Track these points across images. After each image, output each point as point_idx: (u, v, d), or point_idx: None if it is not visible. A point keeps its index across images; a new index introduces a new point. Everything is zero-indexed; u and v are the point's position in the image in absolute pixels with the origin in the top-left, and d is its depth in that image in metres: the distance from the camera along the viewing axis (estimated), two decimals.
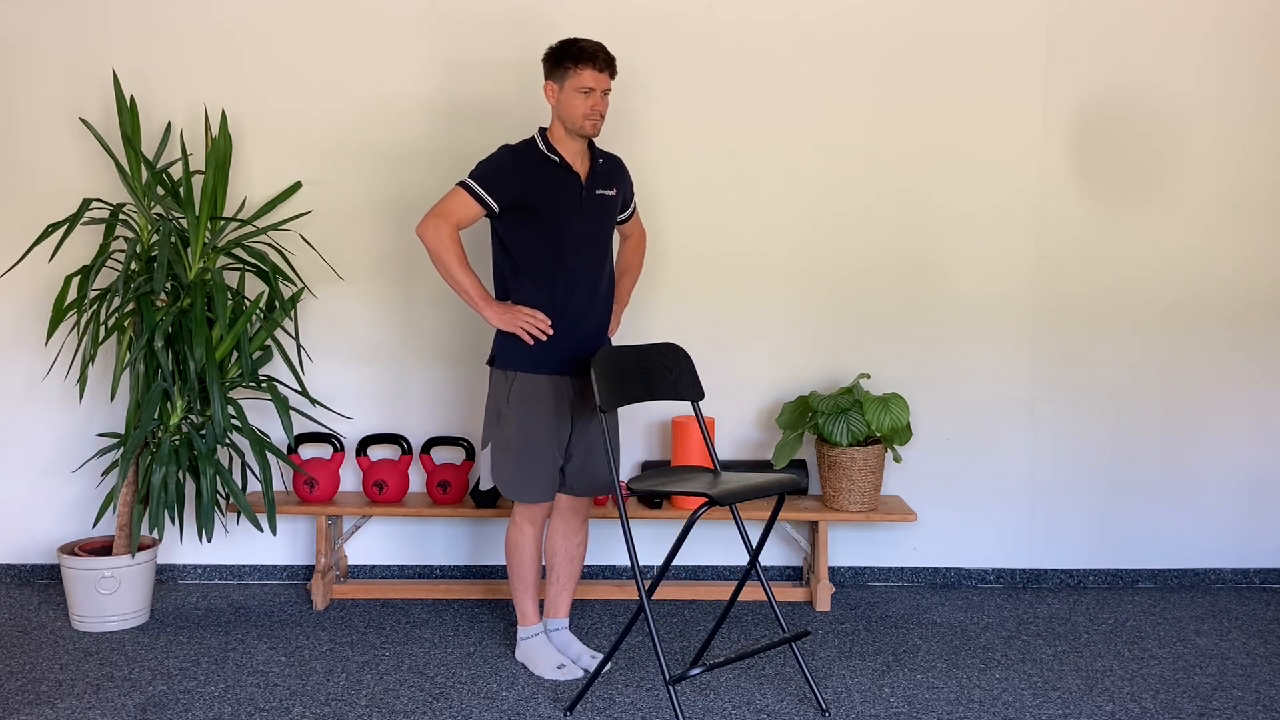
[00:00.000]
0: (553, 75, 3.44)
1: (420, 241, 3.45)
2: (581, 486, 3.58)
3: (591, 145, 3.54)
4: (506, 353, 3.48)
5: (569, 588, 3.68)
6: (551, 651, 3.56)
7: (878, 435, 4.14)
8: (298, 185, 4.28)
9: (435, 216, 3.40)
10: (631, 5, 4.27)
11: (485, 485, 3.63)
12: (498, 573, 4.44)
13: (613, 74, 3.46)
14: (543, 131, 3.51)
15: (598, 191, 3.52)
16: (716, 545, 4.41)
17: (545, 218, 3.42)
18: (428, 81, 4.29)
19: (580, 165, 3.49)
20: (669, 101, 4.29)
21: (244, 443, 4.26)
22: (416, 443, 4.34)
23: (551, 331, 3.42)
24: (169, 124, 4.27)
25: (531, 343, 3.41)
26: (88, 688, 3.42)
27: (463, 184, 3.42)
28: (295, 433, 4.13)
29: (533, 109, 4.17)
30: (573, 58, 3.40)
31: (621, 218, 3.71)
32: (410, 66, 4.29)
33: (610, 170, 3.59)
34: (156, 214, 4.01)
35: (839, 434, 4.07)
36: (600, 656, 3.57)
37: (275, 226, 4.18)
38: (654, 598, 4.12)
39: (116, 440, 3.98)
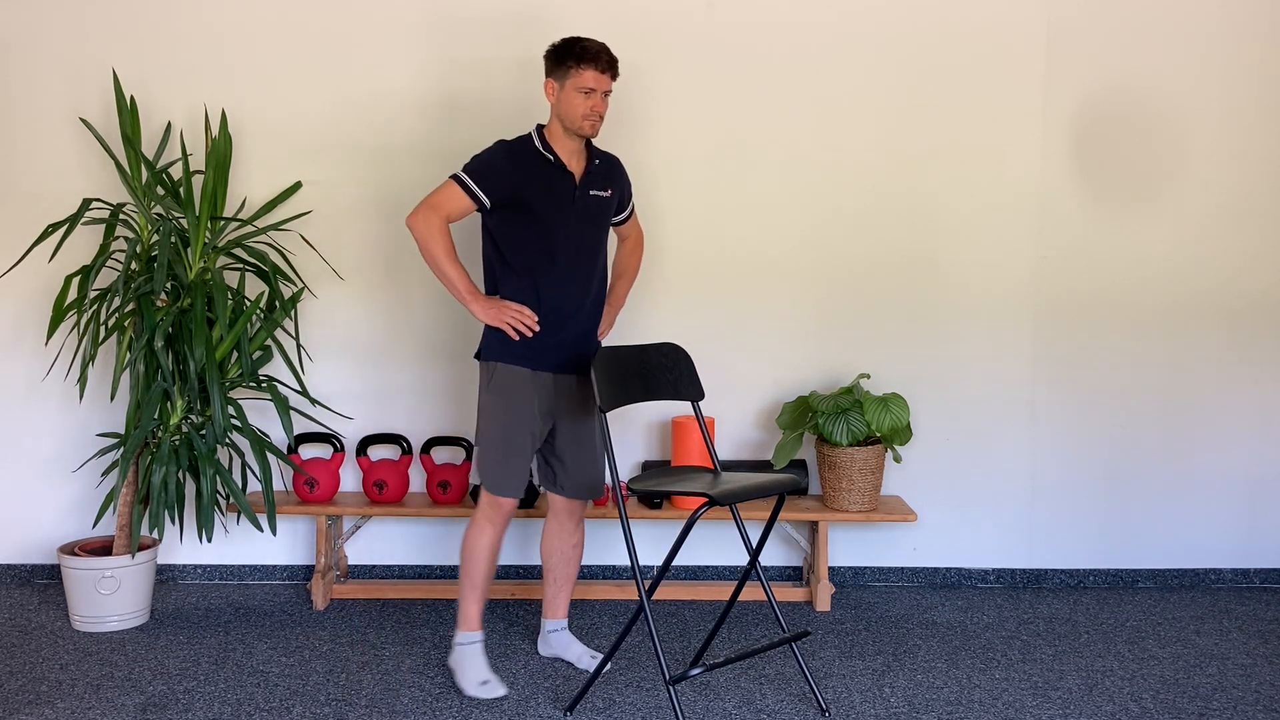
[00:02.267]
0: (554, 73, 3.42)
1: (410, 232, 3.44)
2: (572, 488, 3.56)
3: (589, 145, 3.51)
4: (492, 345, 3.47)
5: (567, 589, 3.68)
6: (480, 665, 3.46)
7: (878, 435, 4.14)
8: (298, 185, 4.28)
9: (426, 208, 3.38)
10: (632, 5, 4.27)
11: (474, 480, 3.60)
12: (498, 572, 4.43)
13: (614, 75, 3.44)
14: (540, 129, 3.48)
15: (591, 192, 3.49)
16: (716, 545, 4.41)
17: (537, 216, 3.40)
18: (428, 81, 4.29)
19: (575, 165, 3.47)
20: (669, 101, 4.29)
21: (244, 443, 4.26)
22: (416, 443, 4.34)
23: (538, 328, 3.39)
24: (169, 124, 4.27)
25: (517, 338, 3.39)
26: (88, 688, 3.42)
27: (455, 177, 3.40)
28: (295, 433, 4.13)
29: (533, 109, 4.17)
30: (575, 57, 3.37)
31: (618, 219, 3.68)
32: (411, 66, 4.29)
33: (607, 171, 3.56)
34: (156, 214, 4.01)
35: (839, 434, 4.07)
36: (600, 656, 3.57)
37: (275, 226, 4.18)
38: (654, 598, 4.12)
39: (116, 440, 3.98)
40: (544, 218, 3.40)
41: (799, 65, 4.31)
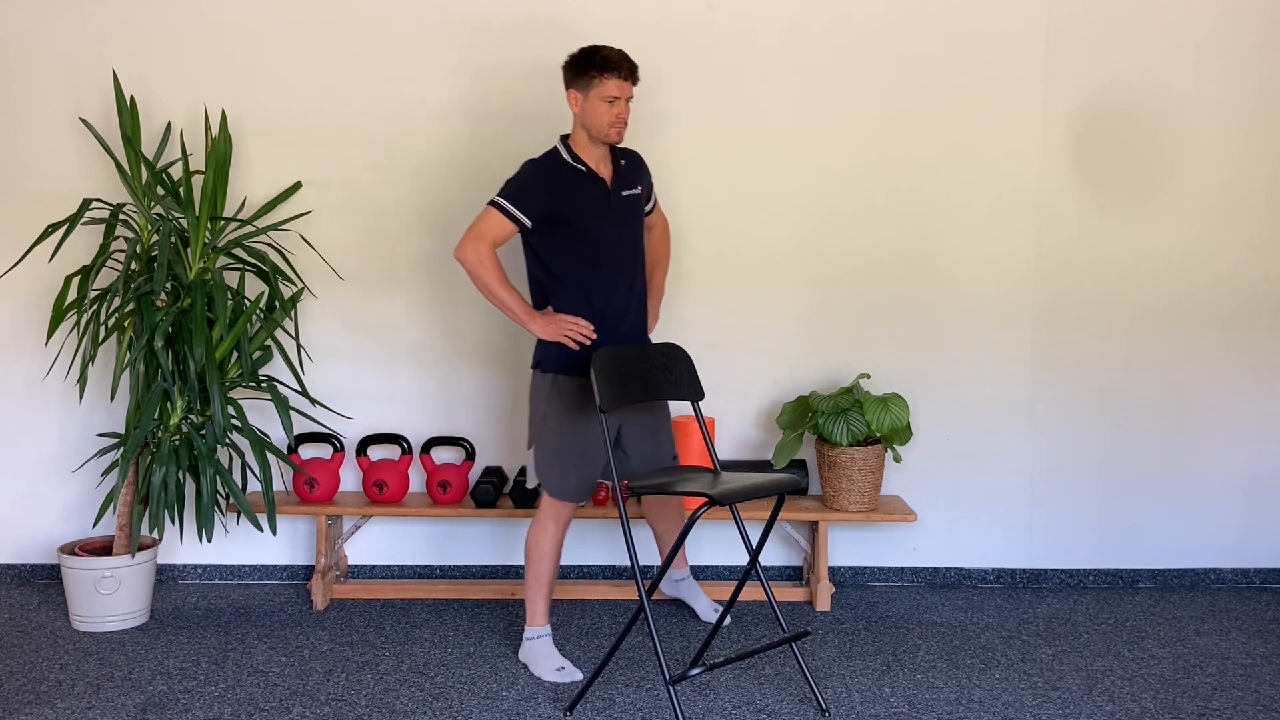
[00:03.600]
0: (575, 84, 3.47)
1: (460, 265, 3.51)
2: (641, 473, 3.62)
3: (612, 146, 3.58)
4: (550, 355, 3.53)
5: (681, 548, 3.73)
6: (553, 653, 3.57)
7: (878, 435, 4.14)
8: (298, 185, 4.28)
9: (472, 239, 3.45)
10: (628, 4, 4.26)
11: (531, 484, 3.67)
12: (498, 572, 4.44)
13: (636, 81, 3.50)
14: (565, 140, 3.54)
15: (624, 193, 3.57)
16: (716, 545, 4.41)
17: (577, 226, 3.47)
18: (428, 82, 4.29)
19: (604, 170, 3.55)
20: (669, 102, 4.29)
21: (244, 443, 4.26)
22: (416, 443, 4.34)
23: (595, 336, 3.47)
24: (169, 124, 4.27)
25: (577, 349, 3.46)
26: (88, 688, 3.42)
27: (493, 203, 3.46)
28: (295, 433, 4.13)
29: (533, 110, 4.18)
30: (598, 67, 3.43)
31: (645, 210, 3.75)
32: (409, 67, 4.29)
33: (632, 169, 3.63)
34: (156, 214, 4.01)
35: (839, 434, 4.07)
36: (720, 609, 3.71)
37: (275, 226, 4.18)
38: (654, 598, 4.12)
39: (116, 440, 3.98)
40: (584, 226, 3.48)
41: (797, 66, 4.31)
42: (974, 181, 4.35)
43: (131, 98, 4.12)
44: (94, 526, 4.26)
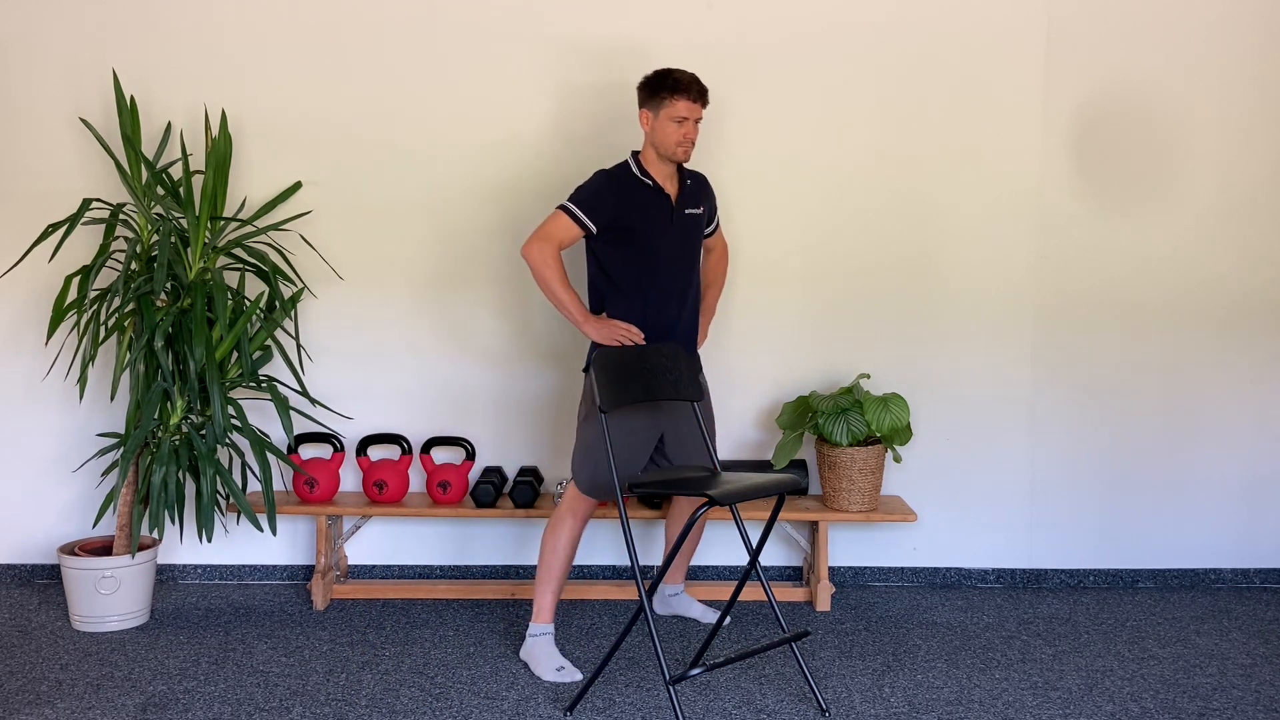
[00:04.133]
0: (648, 104, 3.62)
1: (525, 261, 3.67)
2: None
3: (680, 166, 3.71)
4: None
5: (685, 558, 4.04)
6: (554, 653, 3.57)
7: (878, 435, 4.14)
8: (298, 185, 4.28)
9: (539, 239, 3.57)
10: (625, 5, 4.26)
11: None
12: (498, 572, 4.44)
13: (705, 104, 3.63)
14: (636, 156, 3.68)
15: (687, 211, 3.69)
16: (716, 545, 4.41)
17: (639, 237, 3.60)
18: (426, 82, 4.29)
19: (671, 187, 3.68)
20: None
21: (244, 443, 4.26)
22: (416, 443, 4.34)
23: (644, 342, 3.59)
24: (169, 124, 4.27)
25: (633, 344, 3.56)
26: (88, 688, 3.42)
27: (563, 208, 3.59)
28: (295, 433, 4.13)
29: (537, 109, 4.18)
30: (669, 88, 3.57)
31: (706, 232, 3.85)
32: (409, 67, 4.29)
33: (698, 190, 3.76)
34: (156, 214, 4.01)
35: (839, 434, 4.07)
36: (717, 612, 3.77)
37: (275, 226, 4.18)
38: (654, 598, 4.12)
39: (116, 440, 3.98)
40: (646, 239, 3.60)
41: (797, 66, 4.31)
42: (974, 182, 4.35)
43: (131, 98, 4.12)
44: (94, 526, 4.26)
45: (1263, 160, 4.37)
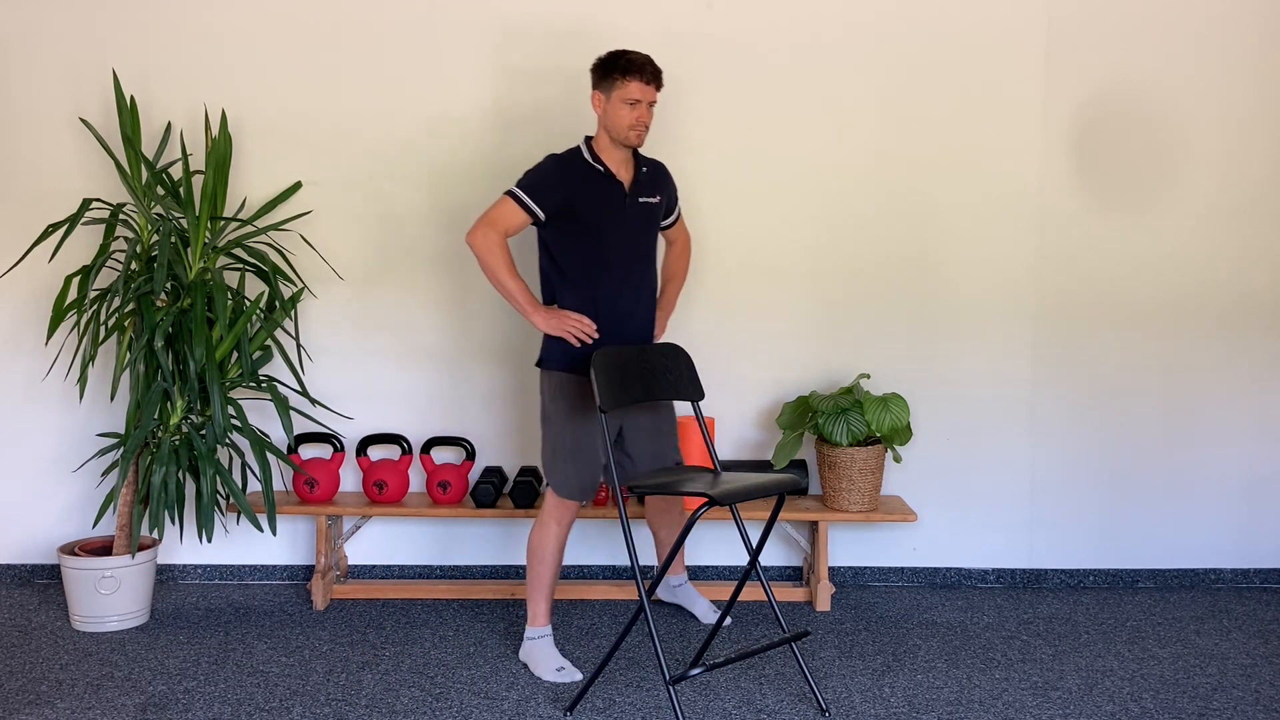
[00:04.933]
0: (600, 86, 3.52)
1: (469, 249, 3.53)
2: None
3: (636, 153, 3.62)
4: (554, 354, 3.55)
5: (680, 550, 3.85)
6: (553, 654, 3.57)
7: (878, 435, 4.14)
8: (298, 185, 4.28)
9: (484, 225, 3.47)
10: (626, 4, 4.26)
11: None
12: (498, 572, 4.44)
13: (659, 86, 3.53)
14: (588, 141, 3.57)
15: (641, 199, 3.59)
16: (716, 545, 4.41)
17: (590, 225, 3.49)
18: (426, 82, 4.29)
19: (624, 174, 3.57)
20: (668, 103, 4.29)
21: (244, 443, 4.26)
22: (416, 443, 4.34)
23: (597, 335, 3.48)
24: (169, 124, 4.27)
25: (578, 345, 3.47)
26: (88, 688, 3.42)
27: (510, 193, 3.49)
28: (295, 433, 4.13)
29: (536, 110, 4.18)
30: (621, 69, 3.47)
31: (665, 223, 3.78)
32: (408, 67, 4.29)
33: (653, 177, 3.66)
34: (156, 214, 4.01)
35: (839, 434, 4.07)
36: (719, 612, 3.74)
37: (275, 226, 4.18)
38: (654, 598, 4.12)
39: (116, 440, 3.98)
40: (597, 227, 3.49)
41: (797, 66, 4.31)
42: (974, 181, 4.35)
43: (131, 98, 4.12)
44: (94, 526, 4.26)
45: (1263, 160, 4.37)
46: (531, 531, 3.62)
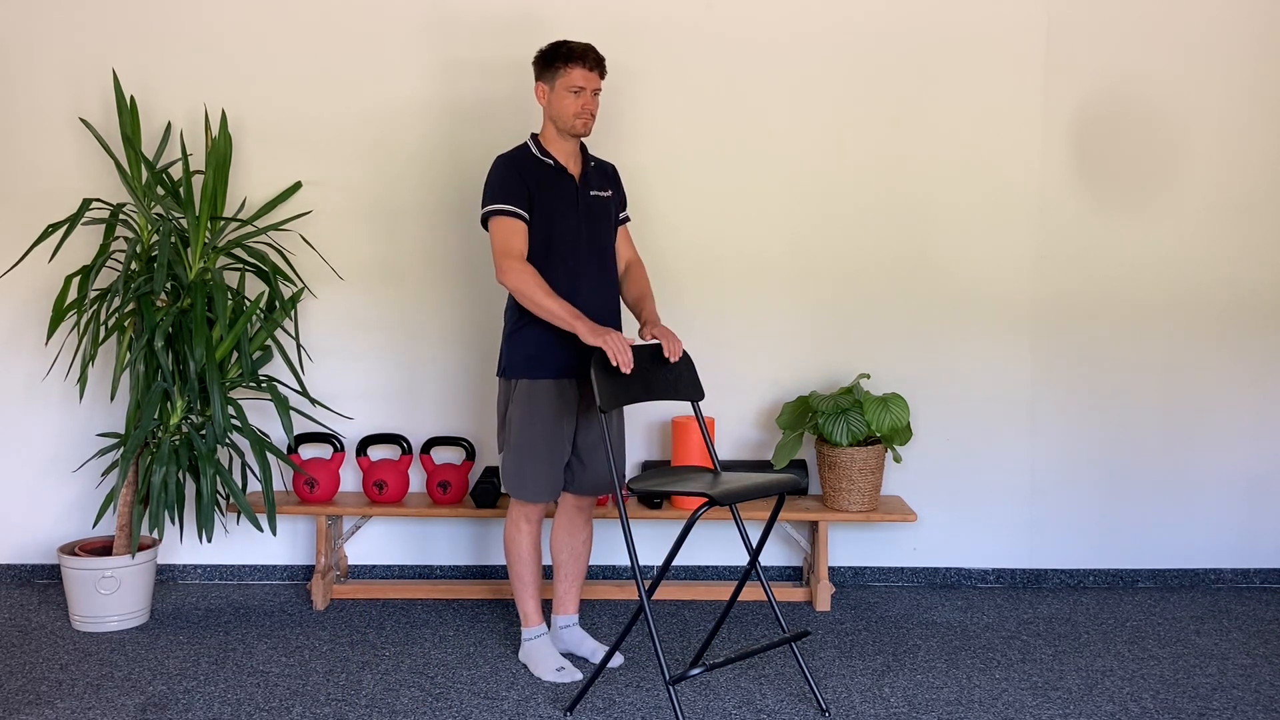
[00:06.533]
0: (543, 76, 3.49)
1: (504, 287, 3.44)
2: (588, 486, 3.59)
3: (582, 148, 3.58)
4: (515, 361, 3.50)
5: (576, 584, 3.69)
6: (552, 654, 3.56)
7: (878, 435, 4.14)
8: (298, 185, 4.28)
9: (501, 259, 3.40)
10: (629, 7, 4.26)
11: (505, 488, 3.65)
12: (498, 573, 4.44)
13: (602, 73, 3.49)
14: (535, 137, 3.54)
15: (593, 192, 3.55)
16: (716, 545, 4.41)
17: (546, 217, 3.45)
18: (426, 82, 4.29)
19: (574, 167, 3.54)
20: (666, 103, 4.29)
21: (244, 443, 4.26)
22: (416, 443, 4.34)
23: (631, 368, 3.32)
24: (169, 124, 4.27)
25: (615, 363, 3.29)
26: (88, 688, 3.42)
27: (491, 213, 3.43)
28: (295, 433, 4.13)
29: (533, 110, 4.18)
30: (562, 58, 3.44)
31: (616, 216, 3.70)
32: (409, 67, 4.29)
33: (602, 174, 3.62)
34: (156, 214, 4.01)
35: (839, 434, 4.07)
36: (604, 652, 3.59)
37: (275, 226, 4.19)
38: (654, 598, 4.12)
39: (116, 440, 3.98)
40: (551, 220, 3.45)
41: (798, 65, 4.31)
42: (974, 181, 4.35)
43: (131, 98, 4.12)
44: (94, 526, 4.26)
45: (1262, 160, 4.38)
46: (504, 535, 3.59)
